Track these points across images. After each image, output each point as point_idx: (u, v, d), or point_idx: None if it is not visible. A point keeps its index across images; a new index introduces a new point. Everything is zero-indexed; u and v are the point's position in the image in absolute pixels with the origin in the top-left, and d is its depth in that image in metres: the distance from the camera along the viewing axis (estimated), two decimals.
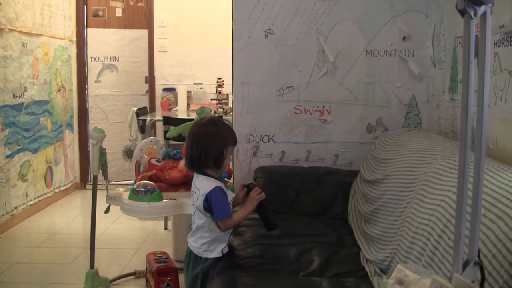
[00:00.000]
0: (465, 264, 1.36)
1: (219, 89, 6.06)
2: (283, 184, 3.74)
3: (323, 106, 4.05)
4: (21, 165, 5.66)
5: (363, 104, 4.05)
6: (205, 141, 2.72)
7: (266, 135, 4.09)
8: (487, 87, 1.36)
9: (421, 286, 1.15)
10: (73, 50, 7.19)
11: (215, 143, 2.72)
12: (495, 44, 2.77)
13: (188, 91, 6.93)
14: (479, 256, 1.36)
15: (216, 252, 2.81)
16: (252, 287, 2.56)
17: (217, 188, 2.71)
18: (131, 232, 5.34)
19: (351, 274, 2.74)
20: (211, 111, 3.72)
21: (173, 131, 3.73)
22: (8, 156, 5.38)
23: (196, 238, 2.83)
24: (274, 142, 4.10)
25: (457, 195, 1.40)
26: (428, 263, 2.19)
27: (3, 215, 5.25)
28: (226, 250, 2.85)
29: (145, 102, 7.35)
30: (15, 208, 5.51)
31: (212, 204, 2.70)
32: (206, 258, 2.81)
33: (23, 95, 5.69)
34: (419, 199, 2.56)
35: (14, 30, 5.44)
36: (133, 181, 3.49)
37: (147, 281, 3.98)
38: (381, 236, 2.85)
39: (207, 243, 2.80)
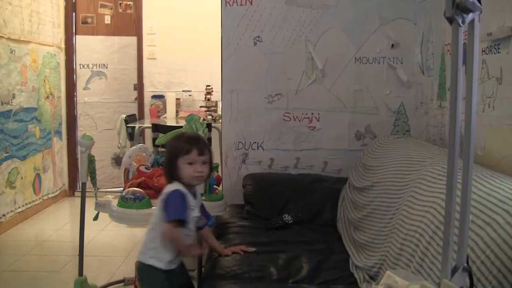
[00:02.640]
0: (454, 270, 1.36)
1: (208, 96, 6.07)
2: (272, 191, 3.74)
3: (312, 113, 4.06)
4: (9, 172, 5.63)
5: (352, 111, 4.07)
6: (166, 155, 2.87)
7: (255, 142, 4.09)
8: (475, 94, 1.37)
9: None
10: (61, 57, 7.16)
11: (168, 156, 2.79)
12: (483, 51, 2.78)
13: (177, 98, 6.93)
14: (467, 262, 1.37)
15: (162, 262, 2.71)
16: None
17: (177, 190, 2.67)
18: (120, 239, 5.32)
19: (340, 281, 2.74)
20: (200, 118, 3.72)
21: (162, 138, 3.72)
22: None
23: (145, 243, 2.79)
24: (263, 149, 4.11)
25: (445, 201, 1.41)
26: (417, 270, 2.20)
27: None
28: (173, 266, 2.74)
29: (134, 109, 7.34)
30: (3, 215, 5.48)
31: (166, 204, 2.66)
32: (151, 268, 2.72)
33: (11, 102, 5.66)
34: (408, 206, 2.57)
35: (3, 37, 5.42)
36: (122, 188, 3.48)
37: None
38: (370, 242, 2.86)
39: (155, 248, 2.72)
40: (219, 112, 5.43)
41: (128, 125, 5.97)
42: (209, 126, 4.47)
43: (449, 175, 1.40)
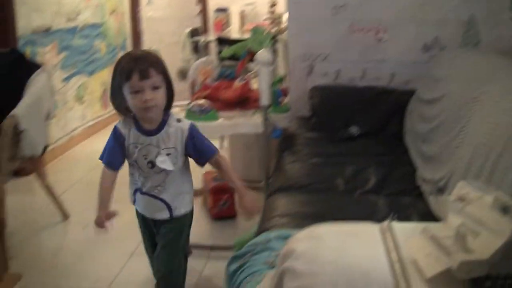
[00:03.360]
0: None
1: (272, 8, 5.98)
2: (338, 103, 3.71)
3: (379, 24, 3.96)
4: (78, 88, 5.74)
5: (420, 22, 3.94)
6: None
7: (321, 54, 4.03)
8: None
9: (483, 204, 1.14)
10: None
11: (111, 85, 2.35)
12: None
13: (241, 11, 6.85)
14: None
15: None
16: (309, 205, 2.58)
17: (115, 127, 2.47)
18: None
19: (407, 192, 2.75)
20: (265, 30, 3.68)
21: (227, 51, 3.72)
22: (64, 80, 5.47)
23: None
24: (329, 61, 4.04)
25: None
26: (486, 183, 2.17)
27: (62, 137, 5.36)
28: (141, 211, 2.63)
29: (198, 23, 7.31)
30: (74, 129, 5.63)
31: None
32: None
33: (77, 19, 5.72)
34: (478, 118, 2.52)
35: None
36: (188, 102, 3.51)
37: (204, 199, 4.06)
38: (438, 155, 2.82)
39: None
40: (284, 25, 5.36)
41: (193, 38, 5.96)
42: (274, 38, 4.43)
43: None
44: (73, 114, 5.62)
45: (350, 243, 1.45)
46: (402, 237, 1.22)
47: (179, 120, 2.43)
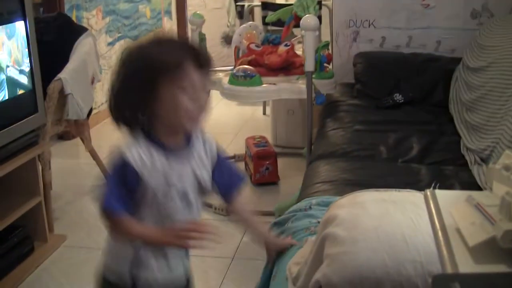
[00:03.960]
0: None
1: None
2: (383, 70, 3.68)
3: None
4: (122, 53, 5.77)
5: None
6: (121, 78, 1.59)
7: (367, 20, 3.98)
8: None
9: None
10: None
11: (131, 78, 1.55)
12: None
13: None
14: None
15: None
16: (351, 172, 2.58)
17: (120, 157, 1.54)
18: (230, 116, 5.43)
19: (450, 162, 2.72)
20: None
21: (272, 16, 3.70)
22: (109, 44, 5.51)
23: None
24: (375, 27, 3.99)
25: None
26: None
27: (107, 101, 5.39)
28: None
29: None
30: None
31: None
32: None
33: None
34: None
35: None
36: (232, 67, 3.51)
37: (246, 164, 4.08)
38: (483, 125, 2.79)
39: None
40: None
41: (237, 3, 5.94)
42: (319, 4, 4.38)
43: None
44: None
45: (392, 210, 1.45)
46: (446, 205, 1.21)
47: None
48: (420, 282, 1.25)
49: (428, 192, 1.30)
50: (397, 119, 3.22)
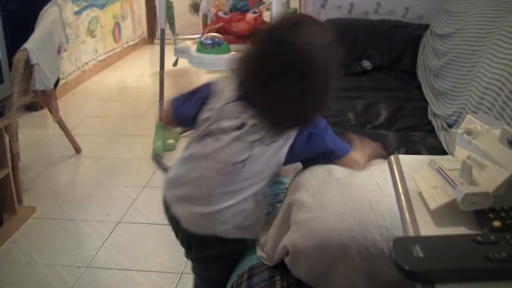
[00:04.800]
0: None
1: None
2: (351, 37, 3.67)
3: None
4: (89, 22, 5.71)
5: None
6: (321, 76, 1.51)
7: None
8: None
9: (491, 137, 1.14)
10: None
11: (326, 77, 1.53)
12: None
13: None
14: None
15: None
16: None
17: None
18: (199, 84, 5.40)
19: (418, 128, 2.74)
20: None
21: None
22: (76, 13, 5.43)
23: None
24: None
25: None
26: (497, 119, 2.16)
27: (74, 70, 5.36)
28: None
29: None
30: (86, 63, 5.62)
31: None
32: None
33: None
34: (492, 54, 2.49)
35: None
36: (200, 35, 3.49)
37: None
38: (450, 90, 2.81)
39: None
40: None
41: None
42: None
43: None
44: (85, 48, 5.61)
45: (358, 176, 1.46)
46: (409, 170, 1.23)
47: None
48: (385, 247, 1.27)
49: (392, 157, 1.32)
50: (365, 85, 3.23)
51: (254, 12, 3.47)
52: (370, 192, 1.37)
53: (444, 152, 2.40)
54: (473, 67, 2.66)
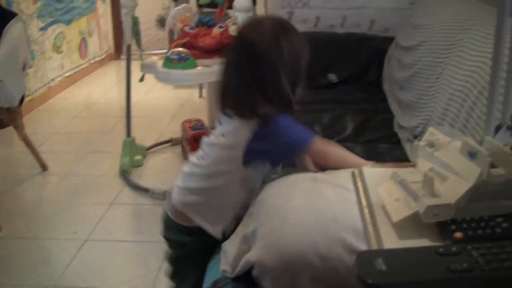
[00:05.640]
0: (498, 128, 1.35)
1: None
2: (317, 51, 3.67)
3: None
4: (55, 37, 5.66)
5: None
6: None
7: (300, 1, 3.99)
8: None
9: (452, 149, 1.15)
10: None
11: (295, 65, 1.78)
12: None
13: None
14: None
15: None
16: None
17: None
18: (166, 100, 5.39)
19: (384, 140, 2.76)
20: None
21: None
22: (41, 29, 5.38)
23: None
24: (309, 7, 4.00)
25: (492, 59, 1.37)
26: (461, 130, 2.19)
27: (40, 87, 5.31)
28: None
29: None
30: (52, 80, 5.57)
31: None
32: None
33: None
34: (455, 66, 2.52)
35: None
36: (166, 50, 3.48)
37: (183, 148, 4.06)
38: (415, 102, 2.83)
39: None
40: None
41: None
42: None
43: (498, 33, 1.36)
44: (51, 64, 5.56)
45: (322, 188, 1.47)
46: (372, 182, 1.24)
47: None
48: (349, 260, 1.27)
49: (355, 171, 1.32)
50: (331, 98, 3.25)
51: (220, 27, 3.47)
52: (334, 204, 1.37)
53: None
54: (437, 78, 2.69)
